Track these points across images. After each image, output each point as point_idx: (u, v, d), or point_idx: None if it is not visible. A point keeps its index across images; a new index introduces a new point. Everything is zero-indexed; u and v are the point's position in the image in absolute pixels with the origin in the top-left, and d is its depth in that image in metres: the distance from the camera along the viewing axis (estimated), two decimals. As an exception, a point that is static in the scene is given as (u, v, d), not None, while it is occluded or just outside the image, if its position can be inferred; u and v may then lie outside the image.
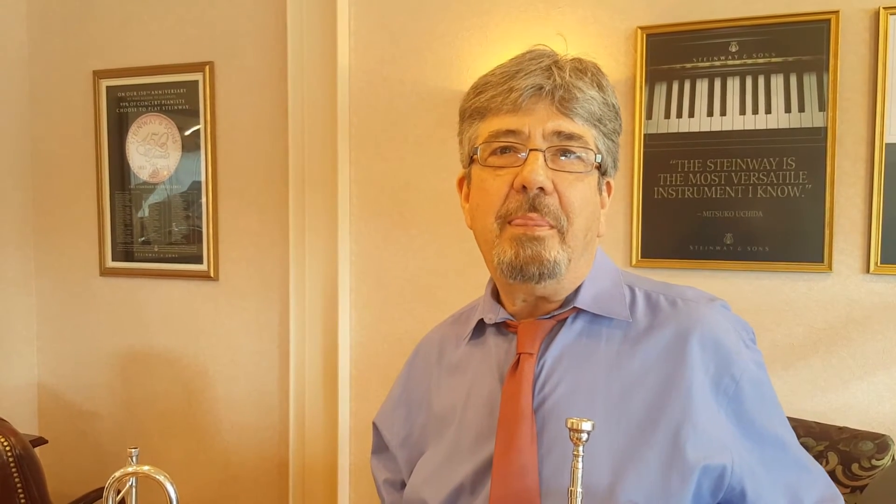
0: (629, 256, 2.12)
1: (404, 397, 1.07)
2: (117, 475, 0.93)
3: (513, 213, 0.87)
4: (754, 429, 0.87)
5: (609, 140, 0.92)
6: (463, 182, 0.98)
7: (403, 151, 2.36)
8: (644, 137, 2.08)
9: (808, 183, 1.95)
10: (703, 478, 0.82)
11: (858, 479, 1.43)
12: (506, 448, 0.86)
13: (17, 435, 1.72)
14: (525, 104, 0.86)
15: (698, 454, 0.82)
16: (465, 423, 0.94)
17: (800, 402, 1.99)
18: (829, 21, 1.92)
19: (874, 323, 1.94)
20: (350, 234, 2.42)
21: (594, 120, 0.89)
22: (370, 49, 2.38)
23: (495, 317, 0.97)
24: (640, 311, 0.93)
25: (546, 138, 0.86)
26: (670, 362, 0.87)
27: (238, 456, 2.62)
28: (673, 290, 0.95)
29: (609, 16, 2.12)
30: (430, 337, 1.10)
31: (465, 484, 0.90)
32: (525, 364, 0.90)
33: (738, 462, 0.83)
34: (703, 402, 0.85)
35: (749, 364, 0.89)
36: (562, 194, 0.86)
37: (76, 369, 2.85)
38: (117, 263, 2.75)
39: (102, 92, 2.72)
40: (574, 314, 0.93)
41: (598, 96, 0.89)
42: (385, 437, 1.07)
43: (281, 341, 2.53)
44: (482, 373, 0.96)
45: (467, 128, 0.94)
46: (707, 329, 0.89)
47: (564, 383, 0.89)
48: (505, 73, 0.89)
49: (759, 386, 0.89)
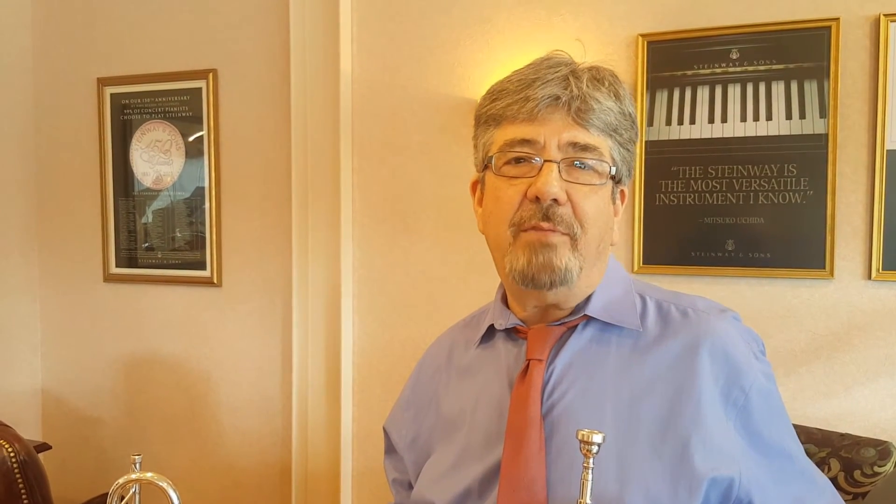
0: (631, 263, 2.12)
1: (413, 399, 1.08)
2: (121, 482, 0.94)
3: (526, 222, 0.87)
4: (763, 441, 0.87)
5: (624, 149, 0.92)
6: (476, 186, 0.98)
7: (406, 158, 2.37)
8: (645, 144, 2.09)
9: (810, 189, 1.95)
10: (710, 490, 0.81)
11: (861, 485, 1.43)
12: (514, 454, 0.87)
13: (21, 441, 1.72)
14: (541, 114, 0.87)
15: (707, 466, 0.82)
16: (474, 428, 0.95)
17: (802, 408, 1.98)
18: (829, 28, 1.92)
19: (876, 329, 1.94)
20: (353, 241, 2.43)
21: (610, 130, 0.89)
22: (372, 56, 2.39)
23: (505, 322, 0.97)
24: (651, 321, 0.93)
25: (561, 149, 0.87)
26: (680, 372, 0.87)
27: (241, 462, 2.63)
28: (684, 300, 0.95)
29: (610, 23, 2.13)
30: (441, 340, 1.11)
31: (473, 488, 0.90)
32: (534, 370, 0.90)
33: (745, 474, 0.83)
34: (713, 414, 0.85)
35: (759, 376, 0.89)
36: (576, 205, 0.87)
37: (80, 375, 2.85)
38: (121, 270, 2.76)
39: (106, 99, 2.73)
40: (584, 322, 0.93)
41: (615, 106, 0.89)
42: (393, 438, 1.08)
43: (284, 347, 2.53)
44: (492, 378, 0.97)
45: (482, 133, 0.94)
46: (717, 340, 0.89)
47: (573, 390, 0.89)
48: (522, 80, 0.89)
49: (769, 398, 0.89)
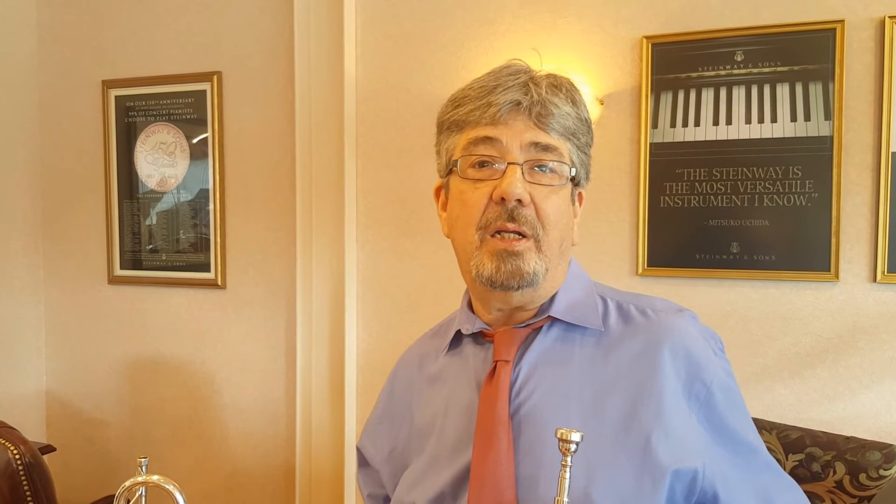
0: (635, 265, 2.12)
1: (388, 412, 1.10)
2: (127, 485, 0.94)
3: (492, 223, 0.89)
4: (726, 433, 0.89)
5: (582, 153, 0.95)
6: (440, 191, 1.00)
7: (410, 160, 2.37)
8: (650, 146, 2.09)
9: (815, 192, 1.95)
10: (675, 482, 0.83)
11: (866, 489, 1.43)
12: (483, 455, 0.88)
13: (26, 443, 1.72)
14: (503, 118, 0.89)
15: (670, 458, 0.83)
16: (445, 432, 0.96)
17: (807, 411, 1.98)
18: (834, 30, 1.92)
19: (881, 332, 1.93)
20: (357, 243, 2.43)
21: (569, 134, 0.92)
22: (376, 58, 2.39)
23: (472, 327, 0.99)
24: (613, 321, 0.95)
25: (523, 150, 0.89)
26: (642, 369, 0.89)
27: (244, 463, 2.63)
28: (643, 301, 0.97)
29: (614, 25, 2.13)
30: (411, 352, 1.13)
31: (446, 491, 0.91)
32: (502, 371, 0.92)
33: (709, 466, 0.85)
34: (675, 408, 0.87)
35: (719, 371, 0.91)
36: (538, 206, 0.89)
37: (84, 377, 2.86)
38: (125, 272, 2.77)
39: (111, 101, 2.74)
40: (549, 323, 0.95)
41: (573, 111, 0.92)
42: (369, 453, 1.10)
43: (288, 349, 2.54)
44: (460, 382, 0.98)
45: (445, 139, 0.97)
46: (678, 338, 0.91)
47: (540, 390, 0.91)
48: (483, 87, 0.91)
49: (729, 392, 0.91)
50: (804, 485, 1.43)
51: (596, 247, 2.16)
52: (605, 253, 2.16)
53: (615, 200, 2.15)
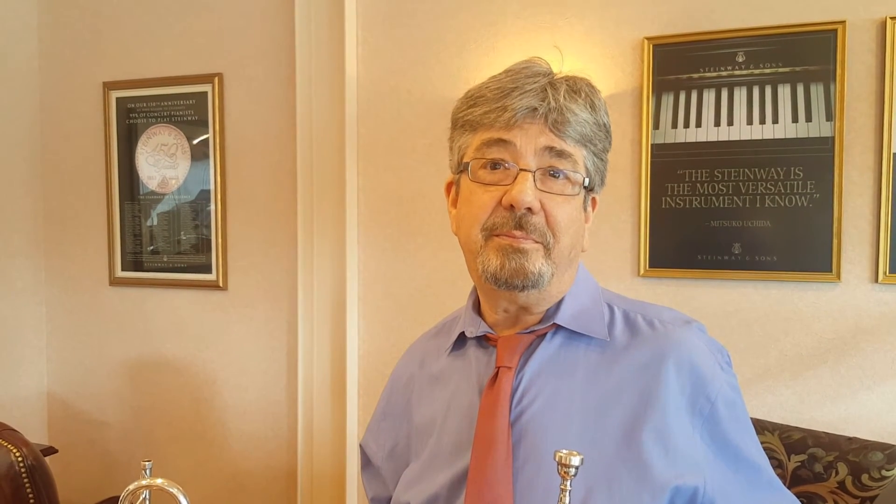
0: (637, 266, 2.12)
1: (388, 410, 1.09)
2: (131, 488, 0.94)
3: (498, 228, 0.88)
4: (729, 449, 0.88)
5: (598, 159, 0.93)
6: (451, 187, 0.99)
7: (411, 161, 2.37)
8: (651, 147, 2.09)
9: (816, 193, 1.95)
10: (675, 497, 0.82)
11: (868, 489, 1.43)
12: (481, 461, 0.87)
13: (28, 445, 1.72)
14: (518, 124, 0.87)
15: (670, 474, 0.82)
16: (445, 434, 0.96)
17: (809, 412, 1.98)
18: (835, 31, 1.92)
19: (883, 332, 1.93)
20: (358, 244, 2.43)
21: (585, 141, 0.90)
22: (378, 59, 2.39)
23: (476, 330, 0.98)
24: (619, 331, 0.94)
25: (537, 154, 0.87)
26: (646, 382, 0.88)
27: (246, 465, 2.63)
28: (650, 311, 0.96)
29: (616, 26, 2.13)
30: (412, 349, 1.12)
31: (441, 494, 0.91)
32: (503, 378, 0.91)
33: (710, 483, 0.84)
34: (678, 423, 0.86)
35: (724, 386, 0.89)
36: (549, 213, 0.88)
37: (85, 378, 2.86)
38: (126, 273, 2.77)
39: (112, 103, 2.74)
40: (553, 330, 0.94)
41: (591, 117, 0.90)
42: (371, 451, 1.09)
43: (289, 350, 2.54)
44: (462, 385, 0.98)
45: (458, 136, 0.95)
46: (683, 351, 0.90)
47: (542, 398, 0.90)
48: (500, 88, 0.89)
49: (734, 408, 0.90)
50: (806, 485, 1.43)
51: (598, 248, 2.16)
52: (606, 254, 2.16)
53: (617, 201, 2.15)
